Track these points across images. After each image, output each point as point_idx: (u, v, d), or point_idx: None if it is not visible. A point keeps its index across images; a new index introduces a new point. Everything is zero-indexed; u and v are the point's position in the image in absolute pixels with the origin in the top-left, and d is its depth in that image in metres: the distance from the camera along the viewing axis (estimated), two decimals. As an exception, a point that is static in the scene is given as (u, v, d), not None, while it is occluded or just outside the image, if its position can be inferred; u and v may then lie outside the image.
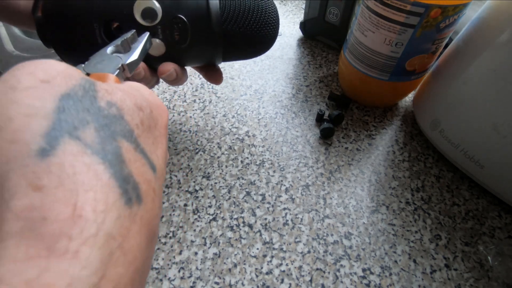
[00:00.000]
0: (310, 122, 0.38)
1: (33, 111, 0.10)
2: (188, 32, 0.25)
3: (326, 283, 0.26)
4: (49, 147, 0.09)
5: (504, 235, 0.29)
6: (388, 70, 0.34)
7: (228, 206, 0.30)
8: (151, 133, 0.14)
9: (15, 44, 0.44)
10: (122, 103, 0.12)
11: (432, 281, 0.26)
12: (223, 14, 0.25)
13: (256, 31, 0.27)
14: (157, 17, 0.23)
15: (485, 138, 0.28)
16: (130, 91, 0.14)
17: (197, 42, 0.26)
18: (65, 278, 0.08)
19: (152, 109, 0.14)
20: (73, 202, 0.09)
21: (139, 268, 0.10)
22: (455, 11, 0.29)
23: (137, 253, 0.10)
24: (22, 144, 0.09)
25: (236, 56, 0.29)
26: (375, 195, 0.31)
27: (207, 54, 0.27)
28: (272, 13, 0.28)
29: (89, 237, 0.09)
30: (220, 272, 0.26)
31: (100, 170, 0.10)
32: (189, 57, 0.27)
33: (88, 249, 0.08)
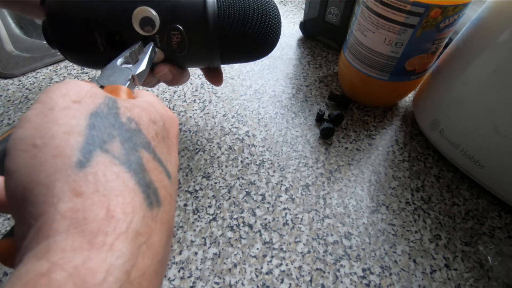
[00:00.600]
0: (310, 122, 0.38)
1: (70, 129, 0.12)
2: (185, 41, 0.25)
3: (326, 283, 0.26)
4: (85, 160, 0.11)
5: (504, 235, 0.29)
6: (388, 70, 0.34)
7: (228, 206, 0.30)
8: (165, 143, 0.16)
9: (15, 44, 0.44)
10: (139, 118, 0.14)
11: (432, 281, 0.26)
12: (220, 19, 0.25)
13: (255, 35, 0.26)
14: (155, 27, 0.23)
15: (485, 138, 0.28)
16: (145, 107, 0.15)
17: (195, 49, 0.26)
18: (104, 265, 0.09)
19: (164, 121, 0.16)
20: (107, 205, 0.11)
21: (162, 260, 0.12)
22: (455, 11, 0.29)
23: (159, 247, 0.12)
24: (64, 157, 0.11)
25: (235, 60, 0.29)
26: (375, 195, 0.31)
27: (206, 59, 0.27)
28: (273, 16, 0.27)
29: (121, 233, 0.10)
30: (220, 272, 0.26)
31: (126, 178, 0.12)
32: (188, 62, 0.28)
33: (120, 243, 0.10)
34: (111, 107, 0.14)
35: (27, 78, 0.41)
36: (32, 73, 0.42)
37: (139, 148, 0.13)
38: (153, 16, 0.23)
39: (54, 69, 0.43)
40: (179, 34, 0.24)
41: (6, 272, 0.25)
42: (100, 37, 0.24)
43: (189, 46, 0.25)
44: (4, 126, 0.35)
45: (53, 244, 0.09)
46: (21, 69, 0.42)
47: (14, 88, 0.40)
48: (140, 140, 0.14)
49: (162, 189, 0.13)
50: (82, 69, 0.43)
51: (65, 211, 0.10)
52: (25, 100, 0.38)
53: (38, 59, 0.43)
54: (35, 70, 0.42)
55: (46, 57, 0.43)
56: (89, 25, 0.24)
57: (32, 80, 0.41)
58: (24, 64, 0.42)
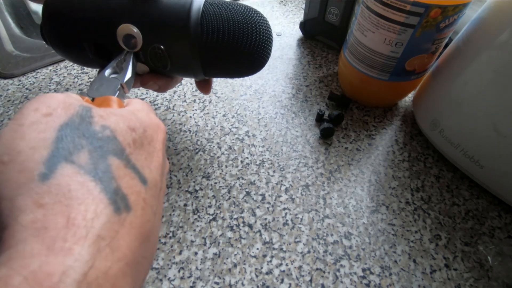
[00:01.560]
0: (310, 122, 0.38)
1: (36, 144, 0.12)
2: (167, 58, 0.25)
3: (326, 283, 0.26)
4: (48, 172, 0.12)
5: (504, 235, 0.29)
6: (388, 70, 0.34)
7: (228, 206, 0.30)
8: (144, 149, 0.16)
9: (15, 44, 0.44)
10: (115, 125, 0.15)
11: (432, 281, 0.26)
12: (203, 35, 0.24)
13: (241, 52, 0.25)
14: (138, 45, 0.24)
15: (485, 138, 0.28)
16: (124, 114, 0.16)
17: (177, 65, 0.26)
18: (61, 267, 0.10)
19: (146, 128, 0.16)
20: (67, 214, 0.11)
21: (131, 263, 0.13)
22: (455, 11, 0.29)
23: (126, 250, 0.12)
24: (27, 172, 0.12)
25: (219, 75, 0.28)
26: (375, 195, 0.31)
27: (189, 73, 0.27)
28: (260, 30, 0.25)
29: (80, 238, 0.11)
30: (220, 272, 0.26)
31: (91, 186, 0.12)
32: (172, 74, 0.28)
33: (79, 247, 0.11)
34: (84, 116, 0.14)
35: (27, 78, 0.41)
36: (32, 73, 0.42)
37: (110, 156, 0.14)
38: (136, 34, 0.23)
39: (54, 69, 0.43)
40: (161, 52, 0.24)
41: None
42: (89, 46, 0.25)
43: (171, 63, 0.25)
44: (4, 126, 0.35)
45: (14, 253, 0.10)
46: (21, 69, 0.42)
47: (14, 88, 0.40)
48: (113, 147, 0.14)
49: (133, 194, 0.14)
50: (82, 69, 0.43)
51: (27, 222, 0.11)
52: (25, 100, 0.38)
53: (38, 59, 0.43)
54: (35, 70, 0.42)
55: (46, 57, 0.43)
56: (78, 35, 0.25)
57: (32, 80, 0.41)
58: (24, 64, 0.42)
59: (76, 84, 0.41)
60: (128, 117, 0.16)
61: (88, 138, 0.13)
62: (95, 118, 0.14)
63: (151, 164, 0.16)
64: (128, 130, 0.15)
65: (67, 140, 0.13)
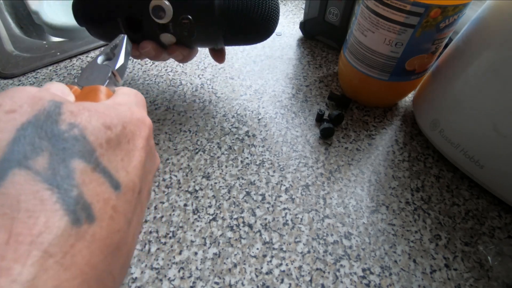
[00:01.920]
0: (310, 122, 0.38)
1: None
2: (194, 29, 0.29)
3: (326, 283, 0.26)
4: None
5: (504, 235, 0.29)
6: (388, 70, 0.34)
7: (228, 206, 0.30)
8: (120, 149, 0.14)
9: (15, 44, 0.44)
10: (86, 123, 0.13)
11: (432, 281, 0.26)
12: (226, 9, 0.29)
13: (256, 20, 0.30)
14: (167, 16, 0.27)
15: (485, 138, 0.28)
16: (101, 110, 0.14)
17: (202, 35, 0.30)
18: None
19: (125, 125, 0.15)
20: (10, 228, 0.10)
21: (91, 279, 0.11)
22: (455, 11, 0.29)
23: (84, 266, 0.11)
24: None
25: (237, 43, 0.33)
26: (375, 195, 0.31)
27: (211, 42, 0.32)
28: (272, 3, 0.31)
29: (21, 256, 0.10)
30: (220, 272, 0.26)
31: (46, 196, 0.11)
32: (195, 43, 0.32)
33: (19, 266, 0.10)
34: (51, 113, 0.13)
35: (27, 78, 0.41)
36: (32, 73, 0.42)
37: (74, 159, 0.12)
38: (166, 6, 0.27)
39: (54, 69, 0.43)
40: (189, 22, 0.28)
41: None
42: (122, 21, 0.28)
43: (197, 32, 0.29)
44: None
45: None
46: (21, 69, 0.42)
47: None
48: (79, 148, 0.12)
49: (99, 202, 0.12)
50: (81, 69, 0.43)
51: None
52: (25, 100, 0.38)
53: (38, 59, 0.43)
54: (35, 70, 0.42)
55: (46, 57, 0.43)
56: (112, 11, 0.28)
57: (32, 80, 0.41)
58: (24, 64, 0.42)
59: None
60: (105, 112, 0.14)
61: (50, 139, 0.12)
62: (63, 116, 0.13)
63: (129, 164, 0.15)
64: (102, 128, 0.14)
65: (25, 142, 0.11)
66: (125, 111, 0.15)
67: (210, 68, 0.45)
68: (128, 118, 0.15)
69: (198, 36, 0.30)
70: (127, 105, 0.16)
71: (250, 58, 0.46)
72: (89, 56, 0.45)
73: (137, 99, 0.18)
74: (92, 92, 0.17)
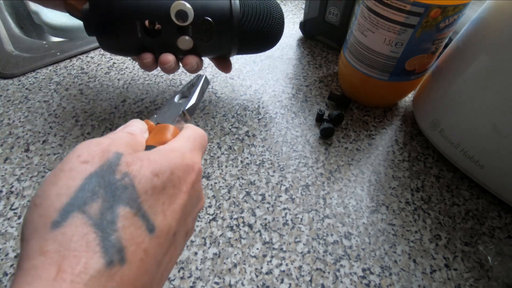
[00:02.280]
0: (310, 122, 0.38)
1: (62, 190, 0.13)
2: (213, 32, 0.30)
3: (326, 283, 0.26)
4: (60, 220, 0.12)
5: (504, 235, 0.29)
6: (388, 70, 0.34)
7: (228, 206, 0.30)
8: (164, 194, 0.16)
9: (15, 44, 0.44)
10: (137, 172, 0.15)
11: (432, 281, 0.26)
12: (242, 17, 0.31)
13: (267, 30, 0.32)
14: (189, 18, 0.28)
15: (485, 138, 0.28)
16: (153, 159, 0.16)
17: (220, 40, 0.31)
18: None
19: (173, 171, 0.16)
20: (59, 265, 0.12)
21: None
22: (455, 11, 0.29)
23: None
24: (45, 217, 0.13)
25: (248, 51, 0.35)
26: (375, 195, 0.31)
27: (226, 49, 0.32)
28: (279, 14, 0.33)
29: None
30: (220, 272, 0.26)
31: (91, 238, 0.13)
32: (210, 50, 0.32)
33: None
34: (113, 164, 0.15)
35: (27, 78, 0.41)
36: (32, 73, 0.42)
37: (120, 205, 0.14)
38: (188, 9, 0.27)
39: (54, 69, 0.43)
40: (209, 25, 0.29)
41: (6, 272, 0.25)
42: (140, 24, 0.28)
43: (215, 37, 0.30)
44: (4, 127, 0.35)
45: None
46: (21, 69, 0.42)
47: (14, 88, 0.40)
48: (127, 195, 0.14)
49: (132, 246, 0.14)
50: (82, 69, 0.43)
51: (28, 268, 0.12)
52: (24, 100, 0.38)
53: (38, 59, 0.43)
54: (35, 70, 0.42)
55: (46, 57, 0.43)
56: (132, 13, 0.27)
57: (32, 80, 0.41)
58: (24, 64, 0.42)
59: (76, 84, 0.41)
60: (156, 160, 0.16)
61: (106, 187, 0.14)
62: (120, 166, 0.15)
63: (169, 207, 0.16)
64: (150, 175, 0.15)
65: (88, 189, 0.13)
66: (176, 157, 0.17)
67: (210, 68, 0.45)
68: (178, 164, 0.17)
69: (215, 41, 0.30)
70: (180, 150, 0.18)
71: (250, 58, 0.46)
72: (88, 56, 0.45)
73: (194, 143, 0.19)
74: (161, 131, 0.19)
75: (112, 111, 0.38)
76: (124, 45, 0.30)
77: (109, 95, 0.40)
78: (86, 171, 0.14)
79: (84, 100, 0.39)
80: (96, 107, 0.38)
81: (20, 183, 0.31)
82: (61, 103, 0.38)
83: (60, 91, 0.40)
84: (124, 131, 0.18)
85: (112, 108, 0.38)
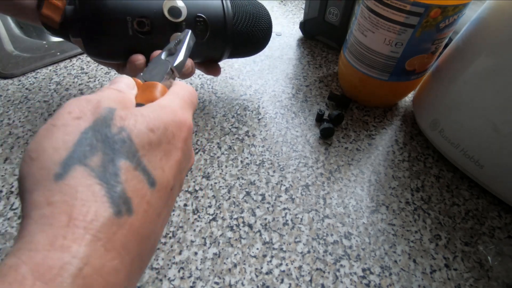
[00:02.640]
0: (310, 122, 0.38)
1: (58, 145, 0.14)
2: (207, 30, 0.30)
3: (326, 283, 0.26)
4: (62, 172, 0.13)
5: (504, 235, 0.29)
6: (388, 70, 0.34)
7: (228, 206, 0.30)
8: (160, 149, 0.16)
9: (15, 44, 0.44)
10: (133, 127, 0.15)
11: (432, 281, 0.26)
12: (234, 15, 0.31)
13: (258, 31, 0.33)
14: (182, 15, 0.28)
15: (485, 138, 0.28)
16: (146, 114, 0.16)
17: (213, 39, 0.30)
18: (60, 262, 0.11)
19: (167, 127, 0.17)
20: (70, 213, 0.12)
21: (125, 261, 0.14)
22: (455, 11, 0.29)
23: (121, 250, 0.13)
24: (46, 170, 0.13)
25: (240, 53, 0.35)
26: (375, 195, 0.31)
27: (219, 50, 0.32)
28: (267, 18, 0.34)
29: (77, 238, 0.12)
30: (220, 272, 0.26)
31: (97, 190, 0.13)
32: (204, 50, 0.32)
33: (76, 245, 0.12)
34: (106, 118, 0.15)
35: (27, 78, 0.41)
36: (32, 73, 0.42)
37: (121, 159, 0.14)
38: (180, 6, 0.27)
39: (54, 69, 0.43)
40: (203, 22, 0.29)
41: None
42: (131, 21, 0.27)
43: (209, 35, 0.30)
44: (4, 127, 0.35)
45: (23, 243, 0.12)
46: (21, 69, 0.42)
47: (14, 88, 0.40)
48: (126, 149, 0.15)
49: (137, 198, 0.14)
50: (82, 69, 0.43)
51: (37, 217, 0.12)
52: (25, 100, 0.38)
53: (38, 59, 0.43)
54: (35, 70, 0.42)
55: (46, 57, 0.43)
56: (123, 9, 0.27)
57: (32, 80, 0.41)
58: (24, 64, 0.42)
59: (76, 84, 0.41)
60: (150, 116, 0.16)
61: (104, 141, 0.14)
62: (115, 120, 0.15)
63: (167, 163, 0.16)
64: (146, 131, 0.16)
65: (85, 143, 0.14)
66: (168, 113, 0.17)
67: (210, 68, 0.45)
68: (170, 120, 0.17)
69: (210, 40, 0.30)
70: (171, 107, 0.18)
71: (250, 58, 0.46)
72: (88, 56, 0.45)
73: (184, 100, 0.19)
74: (149, 89, 0.19)
75: (112, 111, 0.38)
76: (114, 44, 0.28)
77: (109, 95, 0.40)
78: (80, 126, 0.14)
79: (84, 100, 0.39)
80: (96, 107, 0.38)
81: (20, 183, 0.31)
82: (61, 103, 0.38)
83: (60, 91, 0.40)
84: (112, 87, 0.17)
85: (112, 108, 0.38)
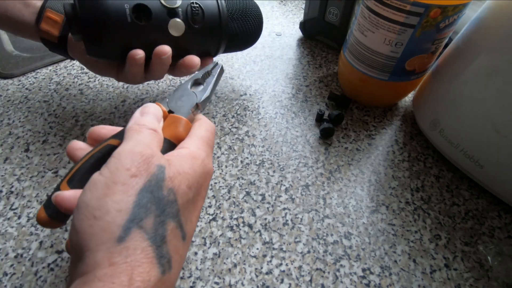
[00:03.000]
0: (310, 122, 0.38)
1: (121, 206, 0.15)
2: (203, 16, 0.30)
3: (326, 283, 0.26)
4: (124, 235, 0.15)
5: (504, 235, 0.29)
6: (388, 70, 0.34)
7: (228, 206, 0.30)
8: (192, 203, 0.18)
9: (15, 44, 0.44)
10: (178, 187, 0.17)
11: (432, 281, 0.26)
12: (228, 9, 0.32)
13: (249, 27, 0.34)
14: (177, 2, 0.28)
15: (485, 138, 0.28)
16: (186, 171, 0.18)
17: (208, 28, 0.31)
18: None
19: (199, 181, 0.18)
20: (130, 274, 0.14)
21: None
22: (455, 11, 0.29)
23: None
24: (110, 233, 0.14)
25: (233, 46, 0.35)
26: (375, 195, 0.31)
27: (214, 41, 0.32)
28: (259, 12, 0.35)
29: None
30: (220, 272, 0.26)
31: (149, 251, 0.15)
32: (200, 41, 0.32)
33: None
34: (159, 178, 0.16)
35: (27, 78, 0.41)
36: (31, 73, 0.42)
37: (168, 220, 0.16)
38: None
39: (54, 69, 0.43)
40: (198, 8, 0.29)
41: (6, 272, 0.25)
42: (129, 8, 0.27)
43: (204, 22, 0.30)
44: (4, 127, 0.35)
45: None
46: (21, 69, 0.42)
47: (14, 88, 0.40)
48: (172, 210, 0.16)
49: (175, 254, 0.16)
50: (82, 69, 0.43)
51: (100, 275, 0.14)
52: (24, 100, 0.38)
53: (38, 59, 0.43)
54: (35, 70, 0.42)
55: (46, 57, 0.43)
56: None
57: (32, 80, 0.41)
58: (24, 64, 0.42)
59: (76, 84, 0.41)
60: (188, 173, 0.18)
61: (156, 203, 0.16)
62: (165, 182, 0.16)
63: (194, 213, 0.18)
64: (186, 189, 0.17)
65: (142, 205, 0.15)
66: (199, 166, 0.19)
67: (210, 68, 0.45)
68: (201, 173, 0.19)
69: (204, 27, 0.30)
70: (201, 158, 0.19)
71: (250, 58, 0.47)
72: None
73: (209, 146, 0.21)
74: (174, 123, 0.20)
75: (112, 111, 0.38)
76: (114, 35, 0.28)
77: (109, 95, 0.40)
78: (137, 186, 0.16)
79: (84, 100, 0.39)
80: (96, 107, 0.38)
81: (20, 183, 0.31)
82: (61, 103, 0.38)
83: (60, 91, 0.40)
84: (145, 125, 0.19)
85: (112, 108, 0.38)
